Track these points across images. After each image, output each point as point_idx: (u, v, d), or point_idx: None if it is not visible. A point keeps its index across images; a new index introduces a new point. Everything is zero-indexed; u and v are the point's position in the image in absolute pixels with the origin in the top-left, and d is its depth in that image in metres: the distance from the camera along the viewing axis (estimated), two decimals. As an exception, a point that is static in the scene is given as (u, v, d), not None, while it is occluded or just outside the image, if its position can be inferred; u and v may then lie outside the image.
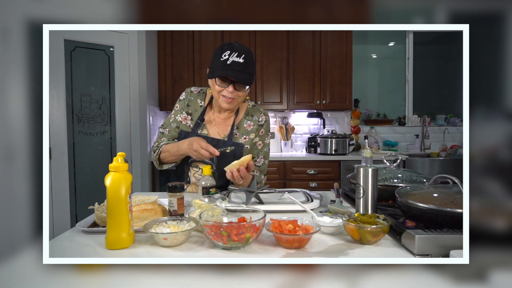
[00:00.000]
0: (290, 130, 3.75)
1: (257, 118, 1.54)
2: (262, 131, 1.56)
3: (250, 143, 1.53)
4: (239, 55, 1.31)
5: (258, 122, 1.54)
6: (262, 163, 1.58)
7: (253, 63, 1.37)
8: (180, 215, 1.05)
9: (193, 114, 1.52)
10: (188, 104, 1.53)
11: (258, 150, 1.57)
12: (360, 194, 1.03)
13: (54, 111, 2.57)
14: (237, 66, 1.31)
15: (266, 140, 1.58)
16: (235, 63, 1.31)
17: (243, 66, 1.31)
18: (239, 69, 1.31)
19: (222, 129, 1.52)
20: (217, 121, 1.52)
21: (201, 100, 1.54)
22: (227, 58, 1.31)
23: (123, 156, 0.88)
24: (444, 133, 3.92)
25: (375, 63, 4.17)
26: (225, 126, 1.52)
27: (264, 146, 1.58)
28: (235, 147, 1.47)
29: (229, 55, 1.31)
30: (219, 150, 1.29)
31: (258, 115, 1.55)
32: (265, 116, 1.56)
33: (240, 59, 1.31)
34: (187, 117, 1.52)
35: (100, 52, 2.83)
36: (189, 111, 1.53)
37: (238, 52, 1.32)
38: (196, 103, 1.53)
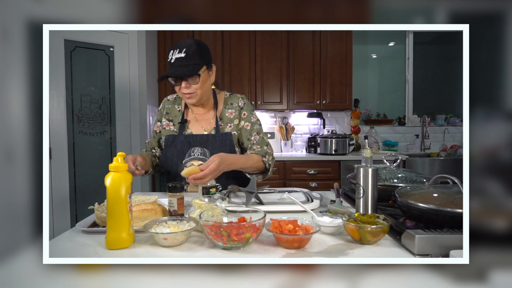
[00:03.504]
0: (290, 130, 3.75)
1: (236, 104, 1.57)
2: (244, 113, 1.57)
3: (236, 129, 1.54)
4: (180, 51, 1.34)
5: (238, 108, 1.57)
6: (258, 137, 1.56)
7: (200, 52, 1.37)
8: (180, 215, 1.05)
9: (174, 119, 1.58)
10: (167, 112, 1.61)
11: (249, 131, 1.56)
12: (360, 194, 1.03)
13: (54, 111, 2.57)
14: (178, 62, 1.34)
15: (253, 119, 1.58)
16: (177, 60, 1.34)
17: (185, 60, 1.34)
18: (180, 64, 1.34)
19: (205, 124, 1.55)
20: (198, 118, 1.57)
21: (178, 105, 1.61)
22: (170, 58, 1.36)
23: (123, 156, 0.88)
24: (444, 133, 3.92)
25: (375, 63, 4.17)
26: (206, 120, 1.56)
27: (253, 124, 1.57)
28: (224, 137, 1.50)
29: (172, 54, 1.36)
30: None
31: (236, 101, 1.58)
32: (243, 99, 1.59)
33: (181, 54, 1.34)
34: (169, 123, 1.58)
35: (100, 52, 2.83)
36: (170, 117, 1.59)
37: (179, 48, 1.35)
38: (174, 109, 1.60)
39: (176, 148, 1.51)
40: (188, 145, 1.49)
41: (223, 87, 3.48)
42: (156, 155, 1.64)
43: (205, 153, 1.42)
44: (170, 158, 1.51)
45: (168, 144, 1.53)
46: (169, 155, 1.52)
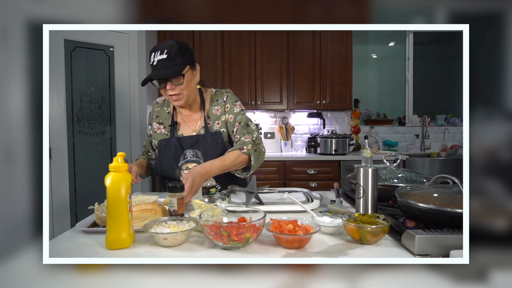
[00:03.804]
0: (290, 130, 3.75)
1: (221, 100, 1.55)
2: (228, 106, 1.54)
3: (224, 125, 1.53)
4: (161, 52, 1.33)
5: (223, 103, 1.55)
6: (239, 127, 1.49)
7: (182, 52, 1.35)
8: (180, 215, 1.05)
9: (164, 122, 1.57)
10: (157, 115, 1.59)
11: (232, 123, 1.51)
12: (360, 194, 1.03)
13: (54, 111, 2.57)
14: (161, 63, 1.33)
15: (236, 110, 1.53)
16: (159, 61, 1.33)
17: (167, 61, 1.33)
18: (163, 66, 1.33)
19: (193, 125, 1.54)
20: (185, 119, 1.55)
21: (167, 107, 1.59)
22: (153, 60, 1.35)
23: (123, 156, 0.88)
24: (444, 133, 3.92)
25: (375, 63, 4.17)
26: (194, 121, 1.55)
27: (236, 115, 1.52)
28: (215, 136, 1.48)
29: (154, 56, 1.35)
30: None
31: (221, 97, 1.56)
32: (227, 93, 1.57)
33: (163, 55, 1.33)
34: (160, 126, 1.57)
35: (100, 52, 2.83)
36: (160, 120, 1.58)
37: (160, 50, 1.34)
38: (163, 112, 1.59)
39: (170, 151, 1.49)
40: (181, 148, 1.48)
41: (223, 87, 3.48)
42: (152, 158, 1.64)
43: (197, 155, 1.40)
44: (166, 163, 1.49)
45: (162, 148, 1.51)
46: (164, 159, 1.50)
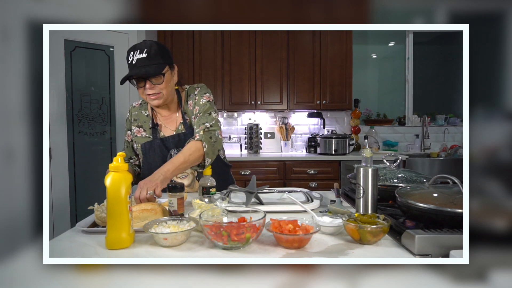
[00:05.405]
0: (290, 130, 3.75)
1: (193, 94, 1.54)
2: (196, 98, 1.52)
3: None
4: (141, 51, 1.33)
5: (194, 97, 1.53)
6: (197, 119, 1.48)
7: (162, 52, 1.36)
8: (180, 215, 1.05)
9: (143, 125, 1.55)
10: (135, 119, 1.57)
11: (196, 114, 1.50)
12: (360, 194, 1.03)
13: (54, 111, 2.57)
14: (141, 62, 1.32)
15: (202, 101, 1.50)
16: (139, 60, 1.32)
17: (147, 60, 1.32)
18: (143, 64, 1.32)
19: (172, 125, 1.53)
20: (164, 121, 1.54)
21: (145, 111, 1.57)
22: (132, 59, 1.34)
23: (123, 156, 0.88)
24: (444, 133, 3.92)
25: (375, 63, 4.17)
26: (173, 121, 1.54)
27: (201, 106, 1.49)
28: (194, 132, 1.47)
29: (133, 55, 1.34)
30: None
31: (193, 91, 1.55)
32: (199, 87, 1.55)
33: (143, 54, 1.32)
34: (140, 130, 1.54)
35: (100, 52, 2.83)
36: (139, 124, 1.55)
37: (140, 49, 1.33)
38: (141, 115, 1.57)
39: (156, 153, 1.48)
40: (166, 148, 1.48)
41: (223, 87, 3.48)
42: (136, 163, 1.61)
43: None
44: (154, 165, 1.45)
45: (146, 151, 1.49)
46: (151, 161, 1.49)
